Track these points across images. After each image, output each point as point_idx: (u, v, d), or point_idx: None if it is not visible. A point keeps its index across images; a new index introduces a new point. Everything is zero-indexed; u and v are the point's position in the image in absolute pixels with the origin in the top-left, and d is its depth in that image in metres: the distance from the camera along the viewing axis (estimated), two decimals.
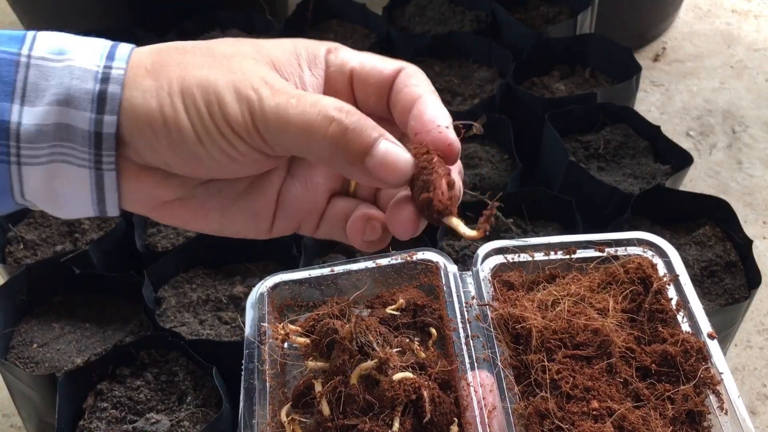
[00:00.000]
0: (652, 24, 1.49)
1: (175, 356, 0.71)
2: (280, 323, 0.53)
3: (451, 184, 0.37)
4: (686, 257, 0.78)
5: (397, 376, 0.46)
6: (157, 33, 1.13)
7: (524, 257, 0.53)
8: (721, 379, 0.44)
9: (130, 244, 0.83)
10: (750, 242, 0.77)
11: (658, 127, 0.91)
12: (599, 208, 0.84)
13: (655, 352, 0.46)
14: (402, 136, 0.38)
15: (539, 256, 0.53)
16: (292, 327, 0.53)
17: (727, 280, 0.76)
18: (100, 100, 0.34)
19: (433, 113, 0.37)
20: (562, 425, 0.41)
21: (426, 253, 0.56)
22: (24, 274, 0.78)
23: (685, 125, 1.32)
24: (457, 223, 0.37)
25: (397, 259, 0.56)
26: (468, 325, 0.50)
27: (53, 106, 0.34)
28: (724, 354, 0.84)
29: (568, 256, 0.53)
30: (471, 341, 0.49)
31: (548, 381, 0.44)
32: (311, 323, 0.52)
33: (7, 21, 1.69)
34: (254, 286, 0.81)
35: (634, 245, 0.53)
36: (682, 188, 0.87)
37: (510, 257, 0.53)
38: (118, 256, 0.84)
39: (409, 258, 0.55)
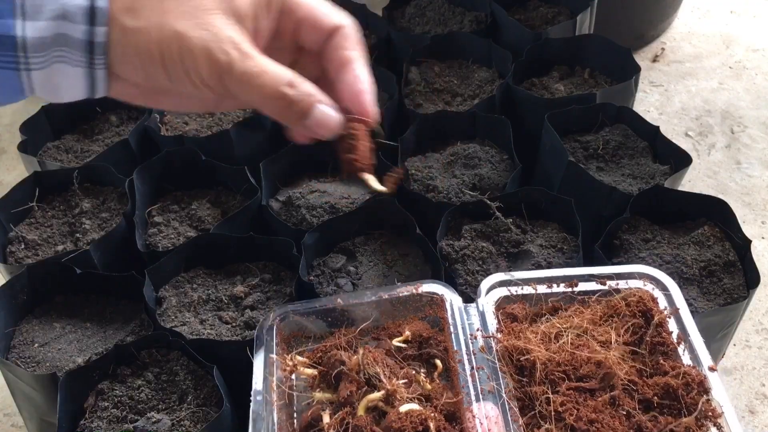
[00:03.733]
0: (651, 25, 1.49)
1: (176, 356, 0.71)
2: (288, 355, 0.54)
3: (369, 148, 0.47)
4: (685, 257, 0.78)
5: (404, 408, 0.46)
6: None
7: (527, 290, 0.55)
8: (722, 412, 0.45)
9: (131, 244, 0.83)
10: (749, 242, 0.77)
11: (657, 128, 0.91)
12: (598, 208, 0.85)
13: (657, 384, 0.47)
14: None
15: (542, 289, 0.54)
16: (300, 359, 0.53)
17: (725, 279, 0.77)
18: (92, 15, 0.40)
19: (361, 86, 0.46)
20: None
21: (431, 285, 0.57)
22: (25, 273, 0.79)
23: (684, 125, 1.33)
24: (369, 178, 0.48)
25: (402, 292, 0.57)
26: (473, 357, 0.51)
27: (51, 21, 0.39)
28: (723, 354, 0.84)
29: (570, 289, 0.54)
30: (476, 373, 0.50)
31: (552, 413, 0.45)
32: (319, 355, 0.53)
33: None
34: (254, 285, 0.81)
35: (635, 278, 0.54)
36: (681, 188, 0.87)
37: (513, 290, 0.55)
38: (119, 256, 0.84)
39: (414, 290, 0.56)
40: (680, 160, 0.87)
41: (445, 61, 1.08)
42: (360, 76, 0.46)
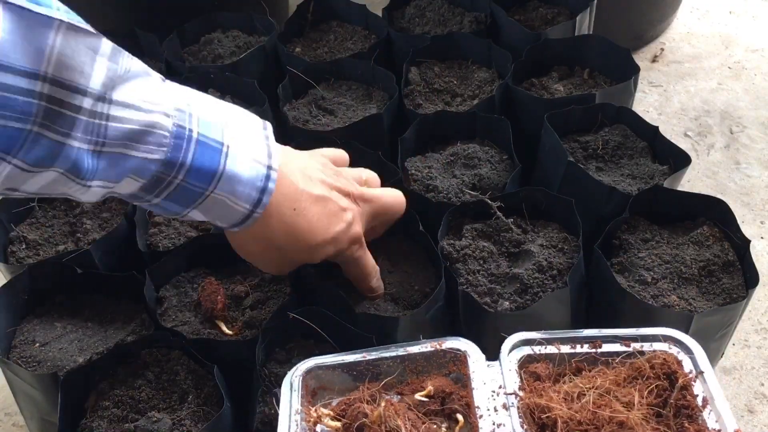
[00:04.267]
0: (650, 25, 1.50)
1: (177, 355, 0.71)
2: (312, 407, 0.54)
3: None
4: (684, 257, 0.79)
5: None
6: (157, 34, 1.13)
7: (551, 349, 0.55)
8: None
9: (132, 243, 0.83)
10: (748, 242, 0.77)
11: (656, 128, 0.91)
12: (598, 208, 0.85)
13: None
14: None
15: (565, 349, 0.55)
16: (324, 411, 0.54)
17: (725, 279, 0.77)
18: (242, 221, 0.61)
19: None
20: None
21: (454, 342, 0.58)
22: (26, 273, 0.79)
23: (683, 126, 1.33)
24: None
25: (426, 347, 0.58)
26: (495, 413, 0.51)
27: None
28: (722, 354, 0.84)
29: (594, 350, 0.54)
30: (497, 429, 0.50)
31: None
32: (342, 407, 0.54)
33: None
34: (255, 284, 0.82)
35: (660, 341, 0.54)
36: (680, 188, 0.88)
37: (537, 349, 0.55)
38: (120, 255, 0.84)
39: (438, 346, 0.57)
40: (679, 160, 0.87)
41: (444, 62, 1.08)
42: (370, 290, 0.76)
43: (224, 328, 0.74)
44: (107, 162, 0.50)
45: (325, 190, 0.66)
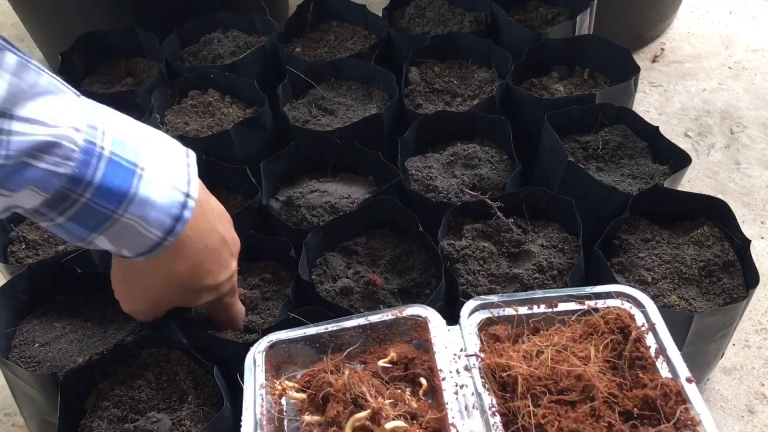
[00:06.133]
0: (650, 25, 1.50)
1: (177, 356, 0.71)
2: (277, 380, 0.55)
3: None
4: (684, 257, 0.79)
5: (389, 425, 0.48)
6: (157, 34, 1.13)
7: (509, 311, 0.57)
8: (700, 420, 0.47)
9: None
10: (748, 242, 0.77)
11: (656, 128, 0.91)
12: (598, 208, 0.85)
13: (637, 396, 0.48)
14: None
15: (523, 310, 0.56)
16: (289, 383, 0.55)
17: (725, 279, 0.77)
18: (151, 249, 0.58)
19: None
20: None
21: (415, 308, 0.58)
22: (26, 273, 0.79)
23: (684, 126, 1.33)
24: None
25: (387, 316, 0.58)
26: (457, 375, 0.52)
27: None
28: (722, 354, 0.84)
29: (550, 310, 0.56)
30: (460, 390, 0.51)
31: (534, 425, 0.47)
32: (307, 379, 0.55)
33: (9, 22, 1.69)
34: (255, 285, 0.81)
35: (613, 297, 0.56)
36: (680, 188, 0.88)
37: (495, 312, 0.57)
38: None
39: (399, 314, 0.58)
40: (680, 160, 0.87)
41: (445, 62, 1.08)
42: None
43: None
44: (7, 170, 0.48)
45: (228, 236, 0.64)
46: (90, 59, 1.15)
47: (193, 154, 0.60)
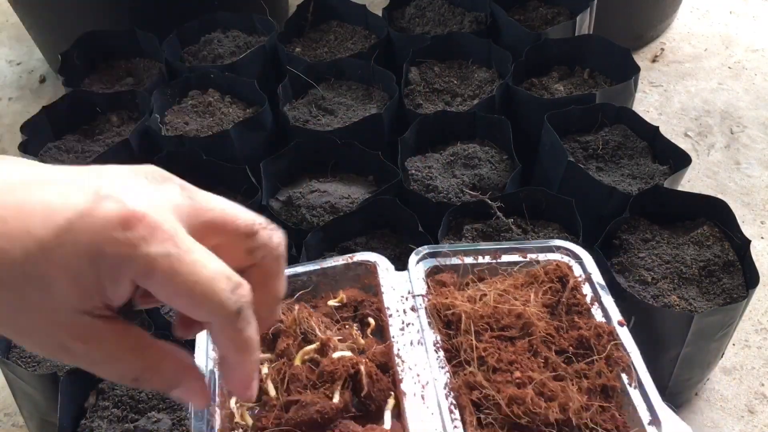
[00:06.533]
0: (650, 25, 1.50)
1: None
2: None
3: None
4: (684, 257, 0.79)
5: (337, 354, 0.50)
6: (157, 34, 1.13)
7: (455, 261, 0.59)
8: (630, 358, 0.50)
9: None
10: (748, 242, 0.77)
11: (656, 128, 0.91)
12: (598, 208, 0.85)
13: (572, 337, 0.51)
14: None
15: (469, 260, 0.59)
16: None
17: (725, 279, 0.77)
18: None
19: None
20: (488, 393, 0.47)
21: (364, 254, 0.60)
22: None
23: (684, 126, 1.33)
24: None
25: (338, 261, 0.60)
26: (404, 314, 0.55)
27: None
28: (722, 354, 0.84)
29: (494, 260, 0.59)
30: (406, 328, 0.54)
31: (476, 358, 0.50)
32: None
33: (9, 22, 1.69)
34: None
35: (553, 251, 0.59)
36: (680, 188, 0.88)
37: (442, 260, 0.59)
38: None
39: (349, 260, 0.60)
40: (680, 160, 0.87)
41: (445, 62, 1.08)
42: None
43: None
44: None
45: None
46: (90, 59, 1.15)
47: None
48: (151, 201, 0.33)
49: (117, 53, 1.16)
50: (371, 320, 0.56)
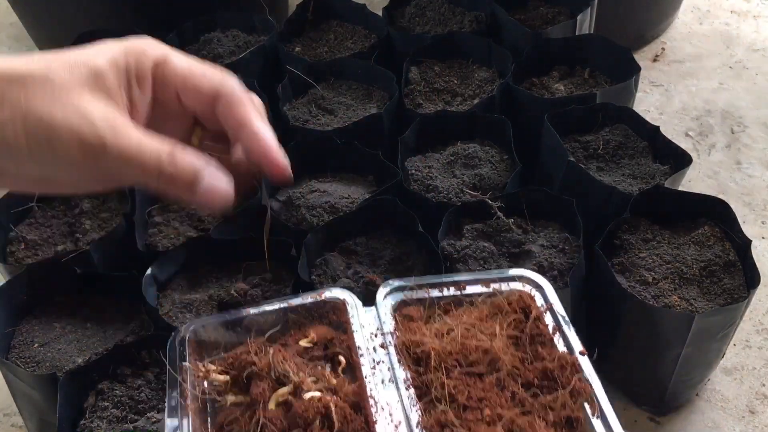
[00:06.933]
0: (651, 25, 1.49)
1: None
2: (200, 363, 0.56)
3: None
4: (685, 257, 0.78)
5: (308, 395, 0.50)
6: (157, 34, 1.13)
7: (421, 294, 0.60)
8: (593, 389, 0.52)
9: (131, 243, 0.83)
10: (749, 242, 0.77)
11: (657, 128, 0.91)
12: (598, 208, 0.85)
13: (537, 368, 0.53)
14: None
15: (434, 293, 0.60)
16: (212, 366, 0.56)
17: (726, 280, 0.77)
18: None
19: (263, 144, 0.44)
20: (460, 431, 0.48)
21: (334, 291, 0.61)
22: (25, 273, 0.79)
23: (684, 125, 1.33)
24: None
25: (307, 299, 0.60)
26: (374, 352, 0.56)
27: None
28: (723, 354, 0.84)
29: (459, 292, 0.60)
30: (377, 366, 0.55)
31: (447, 395, 0.51)
32: (230, 361, 0.57)
33: (9, 22, 1.69)
34: (256, 284, 0.81)
35: (516, 281, 0.61)
36: (681, 188, 0.87)
37: (408, 294, 0.60)
38: (119, 255, 0.84)
39: (318, 297, 0.60)
40: (680, 160, 0.87)
41: (445, 61, 1.08)
42: (259, 133, 0.44)
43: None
44: None
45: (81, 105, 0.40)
46: None
47: None
48: (151, 43, 0.44)
49: None
50: (342, 359, 0.56)
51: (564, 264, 0.77)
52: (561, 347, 0.55)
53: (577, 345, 0.55)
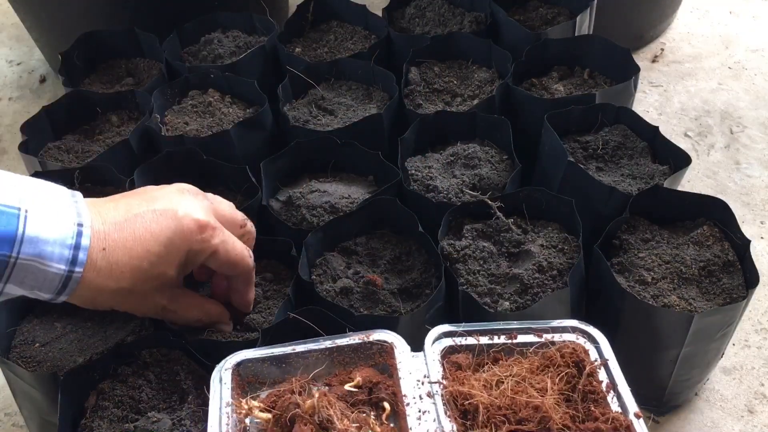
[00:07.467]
0: (650, 25, 1.50)
1: (177, 356, 0.71)
2: (242, 399, 0.56)
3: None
4: (684, 257, 0.79)
5: None
6: (157, 34, 1.13)
7: (470, 340, 0.59)
8: None
9: None
10: (748, 242, 0.77)
11: (656, 128, 0.91)
12: (598, 208, 0.85)
13: (589, 429, 0.51)
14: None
15: (484, 340, 0.59)
16: (255, 403, 0.55)
17: (725, 279, 0.77)
18: (64, 284, 0.58)
19: (248, 308, 0.74)
20: None
21: (381, 334, 0.60)
22: None
23: (684, 126, 1.33)
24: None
25: (354, 339, 0.60)
26: (420, 401, 0.54)
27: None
28: (722, 354, 0.84)
29: (510, 341, 0.59)
30: (422, 416, 0.53)
31: None
32: (273, 399, 0.56)
33: (9, 22, 1.69)
34: (256, 283, 0.81)
35: (569, 332, 0.59)
36: (680, 188, 0.88)
37: (458, 340, 0.59)
38: None
39: (365, 338, 0.60)
40: (680, 160, 0.87)
41: (445, 62, 1.08)
42: (248, 304, 0.73)
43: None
44: None
45: (157, 250, 0.61)
46: (90, 59, 1.15)
47: (78, 194, 0.61)
48: (203, 210, 0.63)
49: (117, 53, 1.16)
50: (387, 405, 0.55)
51: (563, 264, 0.78)
52: (615, 407, 0.53)
53: (633, 406, 0.53)
